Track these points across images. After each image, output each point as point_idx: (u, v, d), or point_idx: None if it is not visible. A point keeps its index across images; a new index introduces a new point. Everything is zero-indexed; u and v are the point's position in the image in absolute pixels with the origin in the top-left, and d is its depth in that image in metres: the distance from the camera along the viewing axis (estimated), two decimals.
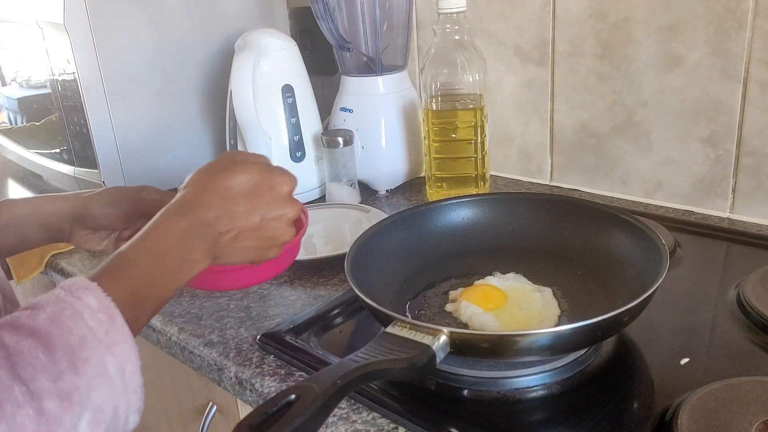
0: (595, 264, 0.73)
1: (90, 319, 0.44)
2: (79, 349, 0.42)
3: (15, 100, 1.30)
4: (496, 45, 1.09)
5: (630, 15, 0.94)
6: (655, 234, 0.66)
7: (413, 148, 1.12)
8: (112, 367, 0.43)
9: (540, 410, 0.58)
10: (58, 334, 0.42)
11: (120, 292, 0.47)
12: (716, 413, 0.52)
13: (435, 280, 0.76)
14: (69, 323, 0.43)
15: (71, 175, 1.18)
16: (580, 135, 1.04)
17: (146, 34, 1.09)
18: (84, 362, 0.42)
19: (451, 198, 0.82)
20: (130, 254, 0.50)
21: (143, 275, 0.49)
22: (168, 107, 1.15)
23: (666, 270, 0.60)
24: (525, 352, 0.56)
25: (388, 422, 0.57)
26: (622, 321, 0.58)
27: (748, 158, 0.89)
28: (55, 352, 0.41)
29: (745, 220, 0.91)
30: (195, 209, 0.52)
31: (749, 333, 0.66)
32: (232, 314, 0.78)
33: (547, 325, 0.64)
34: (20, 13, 1.13)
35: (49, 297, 0.45)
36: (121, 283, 0.48)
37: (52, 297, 0.45)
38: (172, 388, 0.89)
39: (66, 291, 0.45)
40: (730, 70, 0.87)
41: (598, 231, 0.74)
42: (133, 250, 0.50)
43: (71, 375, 0.41)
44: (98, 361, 0.43)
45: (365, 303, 0.61)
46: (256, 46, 1.02)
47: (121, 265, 0.49)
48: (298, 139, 1.07)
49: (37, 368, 0.40)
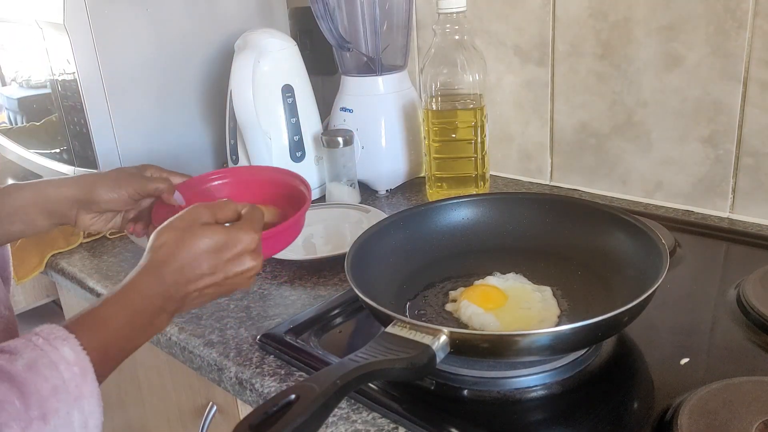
0: (595, 264, 0.73)
1: (65, 371, 0.45)
2: (50, 399, 0.43)
3: (15, 100, 1.30)
4: (496, 45, 1.09)
5: (630, 15, 0.94)
6: (655, 234, 0.66)
7: (413, 148, 1.12)
8: (77, 421, 0.45)
9: (540, 410, 0.58)
10: (34, 382, 0.43)
11: (93, 346, 0.48)
12: (716, 413, 0.52)
13: (435, 280, 0.76)
14: (45, 372, 0.44)
15: (71, 174, 1.17)
16: (580, 135, 1.04)
17: (146, 34, 1.09)
18: (53, 413, 0.43)
19: (450, 198, 0.82)
20: (104, 311, 0.52)
21: (115, 332, 0.51)
22: (168, 107, 1.15)
23: (666, 270, 0.60)
24: (525, 352, 0.56)
25: (388, 422, 0.57)
26: (621, 321, 0.58)
27: (748, 158, 0.89)
28: (29, 399, 0.42)
29: (745, 220, 0.91)
30: (164, 274, 0.55)
31: (749, 333, 0.66)
32: (232, 314, 0.78)
33: (547, 325, 0.64)
34: (20, 13, 1.12)
35: (26, 343, 0.46)
36: (94, 338, 0.49)
37: (29, 344, 0.46)
38: (172, 388, 0.89)
39: (44, 339, 0.46)
40: (730, 70, 0.87)
41: (598, 231, 0.74)
42: (108, 307, 0.52)
43: (40, 424, 0.43)
44: (66, 413, 0.44)
45: (365, 303, 0.61)
46: (256, 46, 1.02)
47: (96, 320, 0.51)
48: (298, 139, 1.07)
49: (11, 414, 0.42)
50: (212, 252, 0.57)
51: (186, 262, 0.56)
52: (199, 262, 0.56)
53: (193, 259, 0.56)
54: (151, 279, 0.55)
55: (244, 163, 1.06)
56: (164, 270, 0.55)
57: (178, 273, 0.56)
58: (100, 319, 0.51)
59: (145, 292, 0.54)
